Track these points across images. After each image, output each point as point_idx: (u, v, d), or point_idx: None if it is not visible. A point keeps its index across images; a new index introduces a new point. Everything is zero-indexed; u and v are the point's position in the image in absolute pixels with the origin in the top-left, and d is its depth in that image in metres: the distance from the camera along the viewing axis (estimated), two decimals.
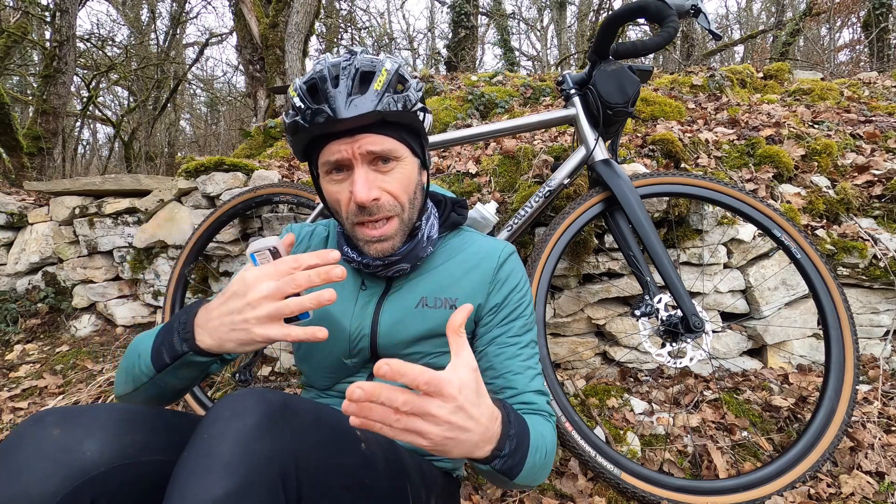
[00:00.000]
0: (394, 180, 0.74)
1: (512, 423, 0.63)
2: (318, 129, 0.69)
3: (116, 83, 9.83)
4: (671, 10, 1.26)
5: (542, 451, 0.69)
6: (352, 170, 0.72)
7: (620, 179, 1.35)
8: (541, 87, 2.88)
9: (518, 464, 0.63)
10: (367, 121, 0.69)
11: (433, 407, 0.50)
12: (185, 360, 0.65)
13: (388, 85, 0.70)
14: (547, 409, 0.79)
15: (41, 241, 2.50)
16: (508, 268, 0.86)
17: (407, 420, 0.49)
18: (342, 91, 0.68)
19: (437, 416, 0.50)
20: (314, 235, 0.93)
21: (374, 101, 0.68)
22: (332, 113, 0.67)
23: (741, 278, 1.73)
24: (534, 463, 0.67)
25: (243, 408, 0.55)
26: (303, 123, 0.69)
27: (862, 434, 1.35)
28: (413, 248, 0.81)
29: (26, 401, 1.85)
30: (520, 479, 0.66)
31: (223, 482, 0.48)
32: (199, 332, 0.64)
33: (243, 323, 0.60)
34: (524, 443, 0.65)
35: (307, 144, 0.74)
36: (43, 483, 0.52)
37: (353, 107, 0.67)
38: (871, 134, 2.13)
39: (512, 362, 0.80)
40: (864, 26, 6.95)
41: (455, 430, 0.52)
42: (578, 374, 1.74)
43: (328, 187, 0.76)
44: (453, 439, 0.52)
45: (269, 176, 2.08)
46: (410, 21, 34.74)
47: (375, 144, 0.71)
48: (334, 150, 0.71)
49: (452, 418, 0.51)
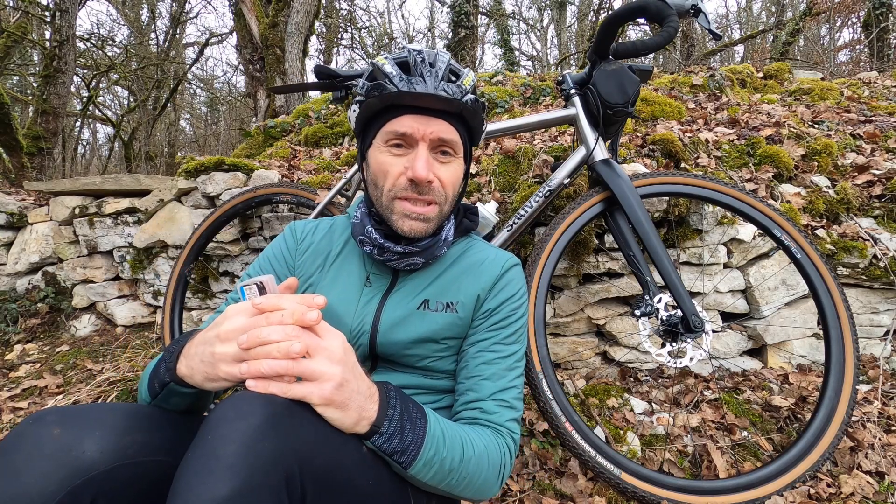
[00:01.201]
0: (448, 172, 0.79)
1: (391, 399, 0.64)
2: (407, 98, 0.73)
3: (116, 83, 9.84)
4: (671, 9, 1.26)
5: (454, 451, 0.67)
6: (412, 148, 0.77)
7: (620, 179, 1.35)
8: (541, 87, 2.88)
9: (406, 451, 0.62)
10: (451, 107, 0.75)
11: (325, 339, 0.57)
12: (169, 389, 0.64)
13: (472, 87, 0.79)
14: (503, 423, 0.76)
15: (41, 241, 2.50)
16: (509, 277, 0.87)
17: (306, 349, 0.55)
18: (437, 74, 0.75)
19: (329, 347, 0.57)
20: (317, 231, 0.93)
21: (459, 93, 0.75)
22: (425, 88, 0.73)
23: (741, 278, 1.73)
24: (440, 459, 0.65)
25: (247, 409, 0.54)
26: (391, 87, 0.73)
27: (862, 434, 1.35)
28: (432, 244, 0.82)
29: (26, 401, 1.85)
30: (418, 473, 0.64)
31: (227, 483, 0.48)
32: (181, 361, 0.63)
33: (211, 357, 0.58)
34: (417, 428, 0.64)
35: (379, 111, 0.77)
36: (43, 483, 0.52)
37: (443, 90, 0.74)
38: (871, 134, 2.13)
39: (486, 368, 0.79)
40: (864, 26, 6.96)
41: (347, 375, 0.57)
42: (578, 374, 1.74)
43: (380, 157, 0.78)
44: (347, 384, 0.57)
45: (269, 176, 2.08)
46: (410, 21, 34.72)
47: (445, 133, 0.76)
48: (406, 124, 0.75)
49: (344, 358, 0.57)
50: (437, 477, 0.66)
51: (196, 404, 0.70)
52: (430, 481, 0.66)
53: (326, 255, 0.89)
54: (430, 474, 0.65)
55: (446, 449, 0.67)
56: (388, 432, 0.62)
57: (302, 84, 1.74)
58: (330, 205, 1.67)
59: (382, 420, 0.61)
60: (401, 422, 0.63)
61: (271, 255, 0.91)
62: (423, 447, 0.64)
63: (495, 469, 0.73)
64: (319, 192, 1.77)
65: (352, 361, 0.59)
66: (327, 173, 2.27)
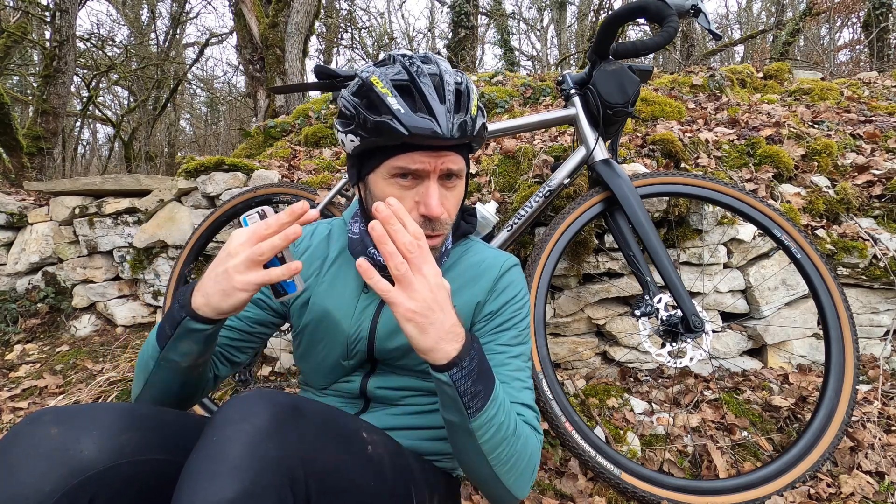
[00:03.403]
0: (453, 197, 0.77)
1: (474, 344, 0.65)
2: (419, 140, 0.68)
3: (116, 83, 9.84)
4: (671, 10, 1.26)
5: (509, 424, 0.67)
6: (420, 179, 0.73)
7: (620, 179, 1.35)
8: (541, 87, 2.88)
9: (479, 396, 0.62)
10: (461, 142, 0.71)
11: (426, 266, 0.59)
12: (183, 326, 0.64)
13: (479, 109, 0.74)
14: (534, 423, 0.76)
15: (41, 241, 2.50)
16: (508, 279, 0.86)
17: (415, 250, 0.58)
18: (447, 108, 0.69)
19: (427, 276, 0.59)
20: (315, 234, 0.93)
21: (470, 126, 0.71)
22: (440, 131, 0.67)
23: (741, 278, 1.73)
24: (498, 423, 0.64)
25: (252, 410, 0.55)
26: (398, 129, 0.67)
27: (862, 434, 1.34)
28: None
29: (26, 401, 1.85)
30: (479, 428, 0.63)
31: (232, 485, 0.48)
32: (194, 296, 0.64)
33: (224, 273, 0.61)
34: (487, 380, 0.64)
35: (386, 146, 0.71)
36: (40, 482, 0.52)
37: (456, 128, 0.69)
38: (871, 134, 2.13)
39: (499, 370, 0.78)
40: (864, 26, 6.96)
41: (436, 302, 0.59)
42: (578, 374, 1.74)
43: (386, 188, 0.73)
44: (433, 311, 0.59)
45: (269, 176, 2.08)
46: (410, 21, 34.74)
47: (454, 164, 0.73)
48: (416, 160, 0.70)
49: (436, 291, 0.59)
50: (492, 440, 0.65)
51: (203, 355, 0.69)
52: (485, 444, 0.64)
53: (323, 259, 0.88)
54: (489, 434, 0.64)
55: (505, 414, 0.66)
56: (467, 369, 0.62)
57: (302, 84, 1.74)
58: (330, 205, 1.67)
59: (464, 357, 0.62)
60: (478, 368, 0.64)
61: None
62: (489, 399, 0.64)
63: (532, 462, 0.72)
64: (319, 193, 1.77)
65: (442, 297, 0.60)
66: (327, 173, 2.27)
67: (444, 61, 0.75)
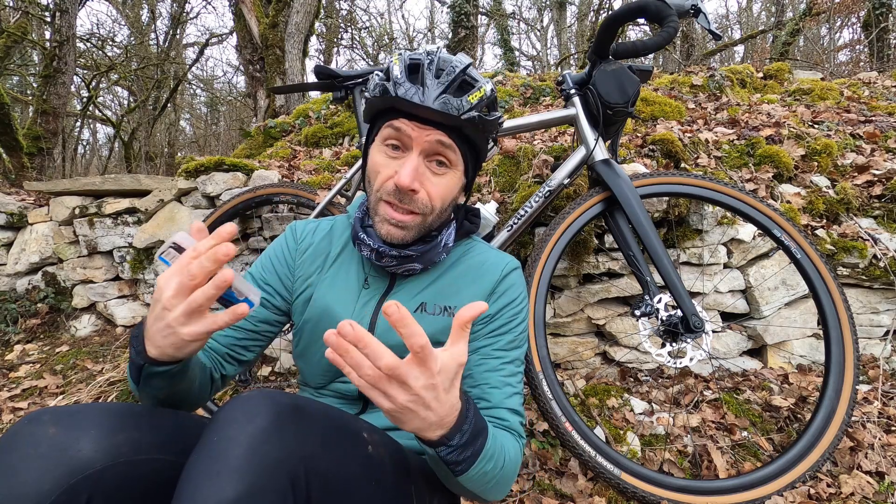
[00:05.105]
0: (438, 184, 0.77)
1: (468, 419, 0.62)
2: (403, 105, 0.71)
3: (116, 83, 9.85)
4: (671, 10, 1.26)
5: (497, 461, 0.67)
6: (407, 152, 0.75)
7: (620, 179, 1.35)
8: (541, 87, 2.88)
9: (465, 461, 0.61)
10: (447, 121, 0.72)
11: (411, 377, 0.51)
12: (146, 371, 0.62)
13: (480, 102, 0.74)
14: (518, 429, 0.77)
15: (41, 241, 2.50)
16: (509, 282, 0.86)
17: (381, 379, 0.51)
18: (440, 85, 0.71)
19: (412, 386, 0.51)
20: (317, 231, 0.93)
21: (459, 108, 0.71)
22: (421, 99, 0.70)
23: (741, 278, 1.73)
24: (484, 471, 0.65)
25: (253, 410, 0.55)
26: (391, 91, 0.71)
27: (862, 434, 1.35)
28: (429, 250, 0.81)
29: (26, 401, 1.85)
30: (465, 481, 0.64)
31: (233, 486, 0.48)
32: (147, 343, 0.61)
33: (167, 328, 0.57)
34: (477, 443, 0.63)
35: (383, 110, 0.77)
36: (38, 481, 0.52)
37: (440, 103, 0.70)
38: (871, 134, 2.13)
39: (491, 375, 0.79)
40: (864, 26, 6.95)
41: (419, 404, 0.53)
42: (578, 374, 1.74)
43: (376, 156, 0.77)
44: (414, 412, 0.54)
45: (269, 176, 2.08)
46: (410, 21, 34.72)
47: (441, 144, 0.74)
48: (402, 124, 0.73)
49: (423, 393, 0.52)
50: (477, 482, 0.65)
51: (181, 385, 0.67)
52: (468, 483, 0.65)
53: (325, 255, 0.89)
54: (474, 480, 0.65)
55: (493, 461, 0.66)
56: (456, 445, 0.60)
57: (302, 84, 1.74)
58: (330, 205, 1.67)
59: (454, 436, 0.59)
60: (469, 439, 0.61)
61: (273, 255, 0.91)
62: (478, 459, 0.63)
63: (512, 474, 0.73)
64: (319, 193, 1.77)
65: (430, 396, 0.53)
66: (327, 173, 2.27)
67: (467, 58, 0.78)
